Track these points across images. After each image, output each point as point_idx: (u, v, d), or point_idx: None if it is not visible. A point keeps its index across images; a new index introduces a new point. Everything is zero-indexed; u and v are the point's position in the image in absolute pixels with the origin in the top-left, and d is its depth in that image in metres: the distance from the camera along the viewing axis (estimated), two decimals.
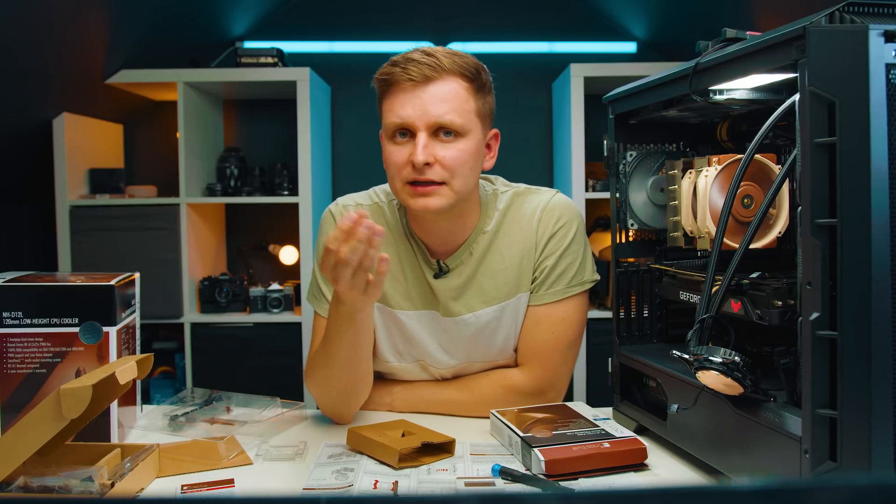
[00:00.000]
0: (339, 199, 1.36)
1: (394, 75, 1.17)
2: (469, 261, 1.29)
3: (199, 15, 2.83)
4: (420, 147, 1.15)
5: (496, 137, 1.29)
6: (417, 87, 1.16)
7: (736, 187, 0.92)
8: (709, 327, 0.92)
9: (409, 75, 1.16)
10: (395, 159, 1.19)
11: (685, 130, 1.25)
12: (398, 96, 1.17)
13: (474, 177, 1.23)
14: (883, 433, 0.73)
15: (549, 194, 1.33)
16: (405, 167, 1.18)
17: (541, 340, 1.29)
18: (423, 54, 1.17)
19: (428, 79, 1.16)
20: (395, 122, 1.17)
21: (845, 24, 0.75)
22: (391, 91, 1.19)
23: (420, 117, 1.16)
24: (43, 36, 2.17)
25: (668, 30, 3.01)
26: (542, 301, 1.29)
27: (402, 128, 1.18)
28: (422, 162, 1.15)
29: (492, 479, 1.00)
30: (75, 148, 2.69)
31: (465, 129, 1.18)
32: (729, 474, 0.94)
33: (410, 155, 1.16)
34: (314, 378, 1.24)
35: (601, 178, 2.80)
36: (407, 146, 1.18)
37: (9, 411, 1.08)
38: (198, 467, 1.05)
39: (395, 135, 1.19)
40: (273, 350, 2.75)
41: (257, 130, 3.20)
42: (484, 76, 1.22)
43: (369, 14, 3.21)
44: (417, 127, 1.16)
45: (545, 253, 1.29)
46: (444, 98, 1.16)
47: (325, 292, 1.31)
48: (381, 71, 1.20)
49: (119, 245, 2.68)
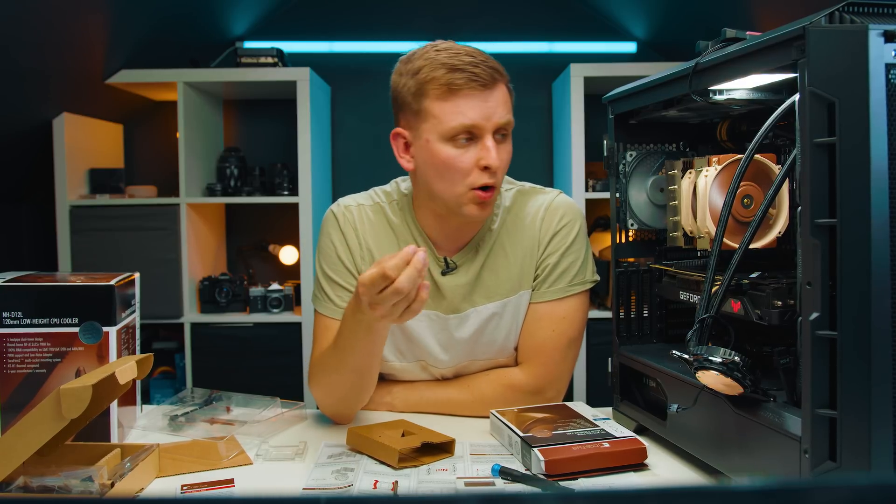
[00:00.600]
0: (341, 200, 1.36)
1: (459, 80, 1.15)
2: (475, 258, 1.30)
3: (199, 15, 2.83)
4: (493, 150, 1.17)
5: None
6: (485, 90, 1.17)
7: (736, 187, 0.92)
8: (709, 327, 0.92)
9: (478, 80, 1.16)
10: (462, 164, 1.18)
11: (685, 130, 1.25)
12: (465, 100, 1.16)
13: None
14: (883, 433, 0.73)
15: (553, 194, 1.34)
16: (472, 171, 1.18)
17: (541, 338, 1.29)
18: (472, 58, 1.17)
19: (492, 84, 1.18)
20: (463, 125, 1.16)
21: (845, 24, 0.75)
22: (455, 94, 1.16)
23: (489, 120, 1.17)
24: (43, 36, 2.17)
25: (668, 30, 3.01)
26: (543, 298, 1.30)
27: (469, 131, 1.17)
28: (497, 165, 1.18)
29: (492, 479, 1.00)
30: (75, 148, 2.69)
31: (511, 131, 1.23)
32: (729, 474, 0.94)
33: (480, 159, 1.17)
34: (320, 381, 1.23)
35: (601, 178, 2.80)
36: (470, 148, 1.18)
37: (9, 411, 1.08)
38: (198, 467, 1.05)
39: (457, 138, 1.18)
40: (273, 350, 2.75)
41: (257, 130, 3.20)
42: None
43: (369, 14, 3.21)
44: (485, 129, 1.17)
45: (548, 251, 1.30)
46: (503, 101, 1.20)
47: (331, 295, 1.31)
48: (435, 75, 1.17)
49: (119, 245, 2.68)
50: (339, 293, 1.30)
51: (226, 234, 3.20)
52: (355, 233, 1.31)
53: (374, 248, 1.31)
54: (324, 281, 1.32)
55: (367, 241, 1.31)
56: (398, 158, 1.26)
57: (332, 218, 1.34)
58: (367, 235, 1.32)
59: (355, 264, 1.31)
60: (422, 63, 1.19)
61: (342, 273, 1.31)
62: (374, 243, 1.31)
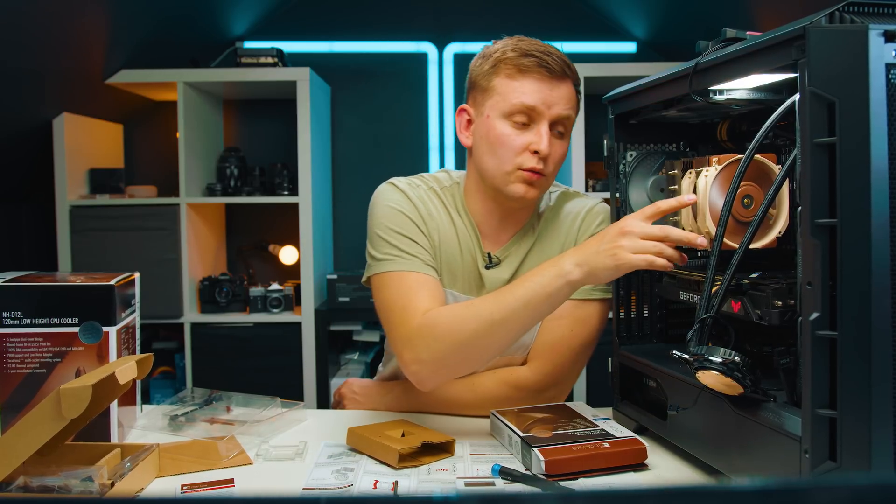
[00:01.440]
0: (394, 178, 1.33)
1: (529, 62, 1.20)
2: (517, 253, 1.32)
3: (199, 15, 2.83)
4: (546, 137, 1.20)
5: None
6: (552, 79, 1.21)
7: (736, 187, 0.92)
8: (709, 327, 0.92)
9: (548, 67, 1.20)
10: (514, 142, 1.21)
11: (685, 130, 1.25)
12: (530, 82, 1.20)
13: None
14: (883, 433, 0.73)
15: (595, 200, 1.38)
16: (523, 152, 1.21)
17: (558, 335, 1.30)
18: (547, 51, 1.22)
19: (561, 77, 1.22)
20: (524, 104, 1.20)
21: (845, 24, 0.75)
22: (523, 75, 1.21)
23: (549, 107, 1.20)
24: (43, 36, 2.17)
25: (668, 30, 3.01)
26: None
27: (527, 111, 1.21)
28: (546, 152, 1.20)
29: (492, 479, 1.00)
30: (75, 148, 2.69)
31: (570, 131, 1.26)
32: (729, 474, 0.94)
33: (531, 143, 1.20)
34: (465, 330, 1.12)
35: (601, 178, 2.80)
36: (526, 133, 1.22)
37: (9, 411, 1.08)
38: (198, 467, 1.05)
39: (515, 117, 1.21)
40: (273, 350, 2.75)
41: (257, 130, 3.20)
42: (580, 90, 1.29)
43: (369, 14, 3.21)
44: (543, 115, 1.21)
45: None
46: (568, 97, 1.23)
47: (412, 251, 1.24)
48: (506, 57, 1.22)
49: (119, 245, 2.68)
50: (418, 250, 1.25)
51: (226, 234, 3.20)
52: (424, 205, 1.30)
53: (441, 225, 1.30)
54: (396, 241, 1.25)
55: (434, 216, 1.30)
56: (459, 135, 1.32)
57: (394, 189, 1.31)
58: (433, 211, 1.31)
59: (428, 231, 1.28)
60: (500, 47, 1.24)
61: (416, 233, 1.27)
62: (439, 220, 1.31)
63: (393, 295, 1.22)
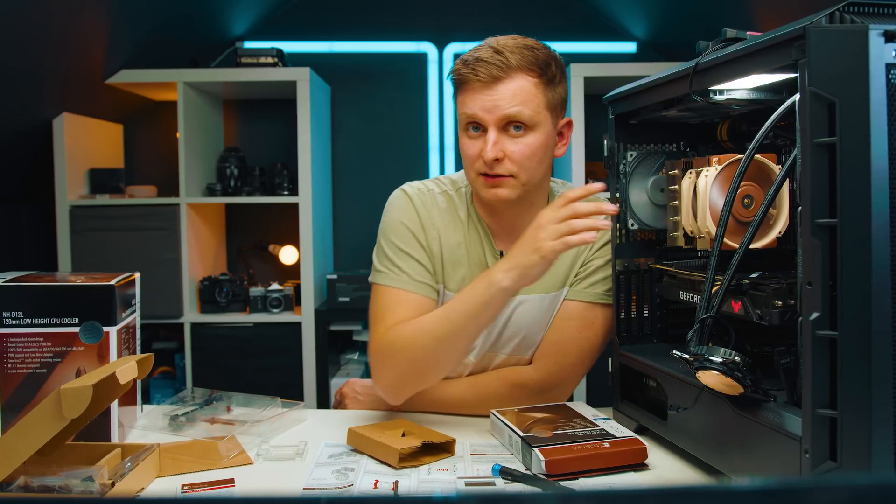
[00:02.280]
0: (410, 184, 1.37)
1: (463, 76, 1.22)
2: None
3: (199, 15, 2.83)
4: (490, 144, 1.21)
5: (569, 125, 1.31)
6: (486, 86, 1.21)
7: (736, 187, 0.92)
8: (709, 327, 0.92)
9: (477, 76, 1.20)
10: (469, 152, 1.25)
11: (685, 130, 1.25)
12: (469, 94, 1.23)
13: (542, 167, 1.27)
14: (883, 433, 0.73)
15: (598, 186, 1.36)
16: (477, 160, 1.23)
17: (567, 336, 1.30)
18: (492, 52, 1.21)
19: (496, 79, 1.20)
20: (467, 115, 1.23)
21: (845, 24, 0.75)
22: (463, 89, 1.24)
23: (489, 113, 1.21)
24: (43, 36, 2.17)
25: (668, 30, 3.01)
26: (579, 297, 1.30)
27: (474, 122, 1.23)
28: (491, 158, 1.20)
29: (492, 479, 1.00)
30: (75, 148, 2.69)
31: (534, 122, 1.22)
32: (729, 474, 0.94)
33: (482, 151, 1.21)
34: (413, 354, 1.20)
35: (601, 178, 2.80)
36: (479, 140, 1.23)
37: (9, 411, 1.08)
38: (198, 467, 1.05)
39: (468, 127, 1.24)
40: (273, 350, 2.75)
41: (257, 130, 3.20)
42: (554, 68, 1.24)
43: (369, 14, 3.21)
44: (487, 123, 1.21)
45: (598, 253, 1.32)
46: (513, 94, 1.20)
47: (404, 267, 1.28)
48: (454, 70, 1.25)
49: (119, 245, 2.68)
50: (413, 267, 1.29)
51: (226, 234, 3.20)
52: (428, 213, 1.32)
53: (443, 232, 1.32)
54: (394, 255, 1.30)
55: (436, 223, 1.32)
56: None
57: (404, 196, 1.34)
58: (436, 218, 1.32)
59: (428, 242, 1.31)
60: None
61: (415, 247, 1.30)
62: (442, 227, 1.32)
63: (376, 307, 1.29)
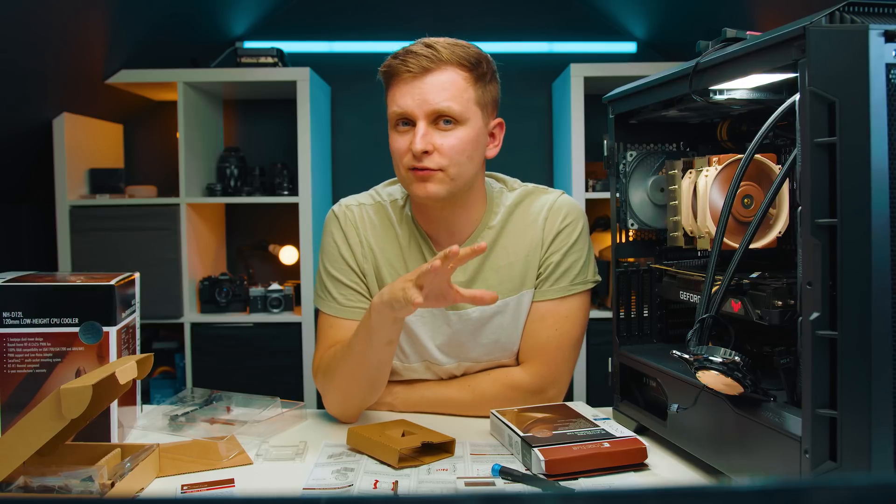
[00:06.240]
0: (342, 200, 1.38)
1: (393, 67, 1.22)
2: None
3: (199, 15, 2.83)
4: (419, 136, 1.19)
5: (501, 126, 1.30)
6: (416, 78, 1.20)
7: (736, 187, 0.92)
8: (709, 327, 0.92)
9: (407, 67, 1.20)
10: (398, 147, 1.23)
11: (685, 130, 1.25)
12: (399, 87, 1.22)
13: (473, 165, 1.24)
14: (883, 433, 0.73)
15: (556, 194, 1.35)
16: (406, 154, 1.22)
17: (545, 337, 1.30)
18: (423, 46, 1.21)
19: (426, 70, 1.20)
20: (396, 112, 1.22)
21: (845, 24, 0.75)
22: (393, 82, 1.23)
23: (419, 106, 1.20)
24: (43, 36, 2.17)
25: (668, 30, 3.01)
26: (545, 297, 1.30)
27: (404, 117, 1.22)
28: (420, 150, 1.19)
29: (492, 479, 1.00)
30: (75, 148, 2.69)
31: (464, 116, 1.21)
32: (729, 474, 0.94)
33: (411, 143, 1.20)
34: (334, 376, 1.24)
35: (601, 178, 2.80)
36: (408, 135, 1.22)
37: (9, 411, 1.08)
38: (198, 467, 1.05)
39: (397, 124, 1.23)
40: (273, 350, 2.75)
41: (257, 130, 3.20)
42: (485, 66, 1.24)
43: (369, 14, 3.21)
44: (416, 116, 1.20)
45: (551, 249, 1.31)
46: (443, 87, 1.20)
47: (335, 294, 1.32)
48: (384, 63, 1.24)
49: (119, 245, 2.68)
50: (343, 292, 1.32)
51: (226, 234, 3.20)
52: (357, 232, 1.33)
53: (376, 246, 1.32)
54: (327, 280, 1.33)
55: (369, 240, 1.33)
56: None
57: (333, 218, 1.36)
58: (369, 234, 1.33)
59: (358, 263, 1.32)
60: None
61: (346, 272, 1.32)
62: (375, 242, 1.33)
63: (317, 331, 1.37)
